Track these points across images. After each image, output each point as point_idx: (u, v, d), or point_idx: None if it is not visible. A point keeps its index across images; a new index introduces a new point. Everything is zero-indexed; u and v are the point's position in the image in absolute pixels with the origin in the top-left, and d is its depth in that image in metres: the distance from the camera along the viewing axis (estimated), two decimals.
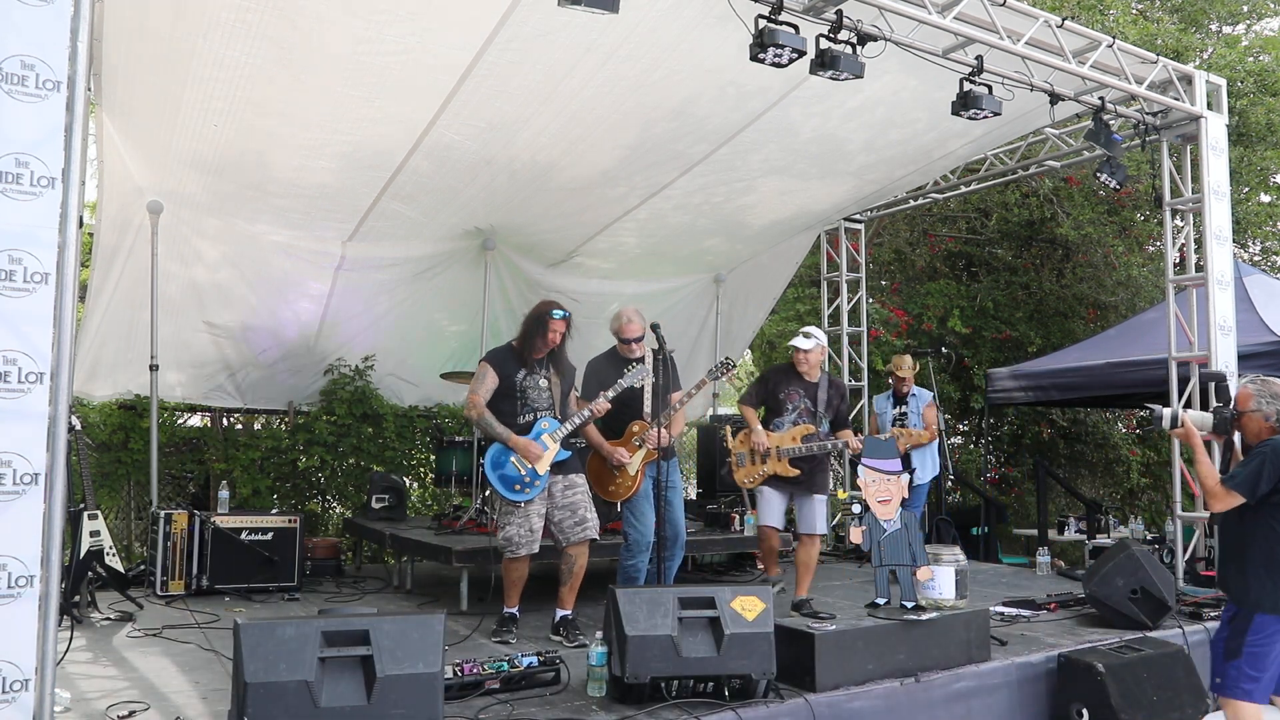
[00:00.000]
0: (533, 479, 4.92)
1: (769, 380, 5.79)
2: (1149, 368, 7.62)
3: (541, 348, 5.08)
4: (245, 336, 8.11)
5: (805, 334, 5.70)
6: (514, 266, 8.65)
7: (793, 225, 9.00)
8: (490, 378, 5.03)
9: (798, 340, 5.67)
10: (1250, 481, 3.88)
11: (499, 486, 4.92)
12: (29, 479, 3.12)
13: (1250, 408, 4.06)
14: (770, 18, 4.83)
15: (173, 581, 6.19)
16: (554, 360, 5.18)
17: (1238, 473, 3.93)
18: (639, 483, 5.37)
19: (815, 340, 5.67)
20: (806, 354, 5.62)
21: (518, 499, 4.91)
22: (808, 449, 5.55)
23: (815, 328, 5.88)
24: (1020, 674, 4.66)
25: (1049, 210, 11.74)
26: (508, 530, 4.92)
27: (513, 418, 4.99)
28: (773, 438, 5.61)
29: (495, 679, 3.97)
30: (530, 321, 5.13)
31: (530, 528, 4.91)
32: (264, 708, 3.03)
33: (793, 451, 5.54)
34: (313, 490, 9.19)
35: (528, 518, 4.92)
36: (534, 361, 5.09)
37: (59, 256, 3.23)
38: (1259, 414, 4.03)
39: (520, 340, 5.15)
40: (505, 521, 4.95)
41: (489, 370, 5.05)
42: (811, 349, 5.63)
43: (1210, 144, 6.90)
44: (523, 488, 4.91)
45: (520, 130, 6.23)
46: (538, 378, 5.09)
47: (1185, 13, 12.67)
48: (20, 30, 3.21)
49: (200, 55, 5.13)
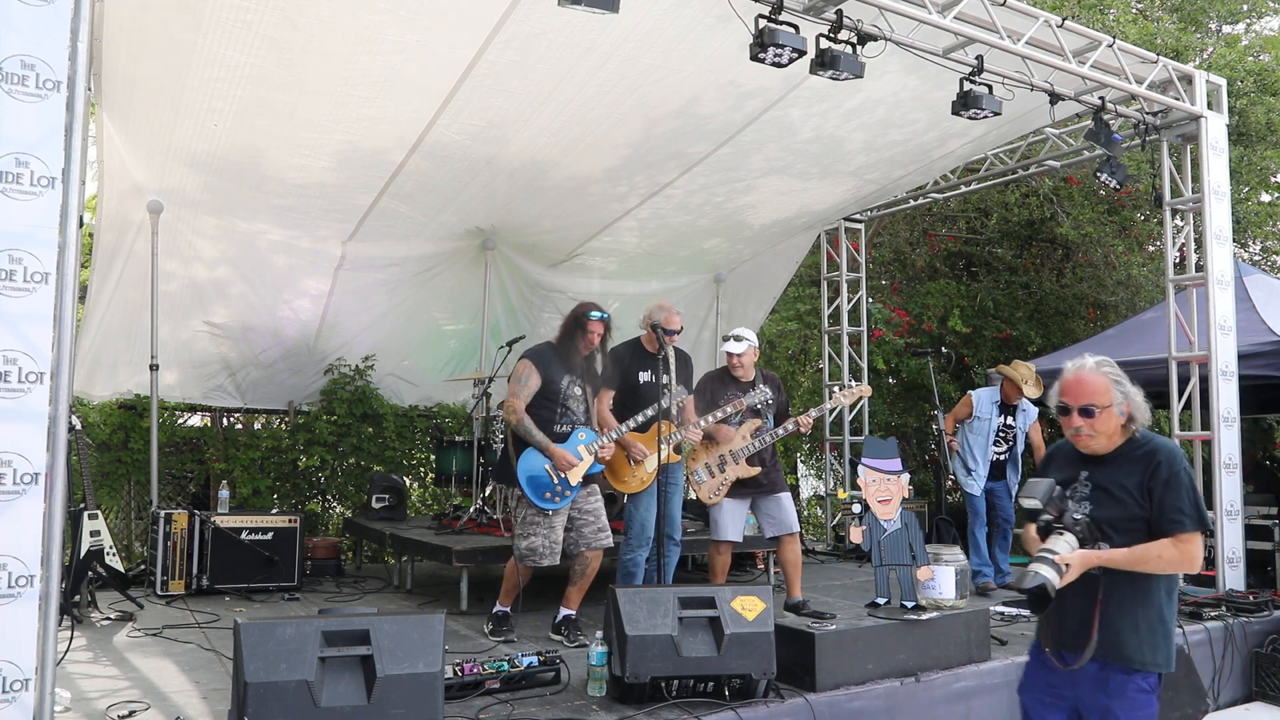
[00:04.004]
0: (564, 489, 4.86)
1: (706, 390, 5.65)
2: (1149, 368, 7.60)
3: (581, 350, 5.01)
4: (245, 336, 8.11)
5: (736, 337, 5.61)
6: (514, 266, 8.65)
7: (793, 225, 9.00)
8: (534, 379, 4.93)
9: (729, 345, 5.59)
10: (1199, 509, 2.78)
11: (530, 492, 4.83)
12: (29, 479, 3.13)
13: None
14: (770, 17, 4.83)
15: (173, 581, 6.19)
16: (589, 366, 5.10)
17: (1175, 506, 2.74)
18: (653, 478, 5.39)
19: (746, 342, 5.59)
20: (740, 357, 5.55)
21: (547, 507, 4.84)
22: (760, 442, 5.48)
23: (745, 329, 5.75)
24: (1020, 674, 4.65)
25: (1049, 210, 11.73)
26: (532, 541, 4.82)
27: (550, 425, 4.90)
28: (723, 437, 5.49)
29: (495, 679, 3.97)
30: (568, 323, 5.07)
31: (555, 539, 4.86)
32: (264, 707, 3.03)
33: (747, 450, 5.48)
34: (313, 490, 9.19)
35: (552, 529, 4.86)
36: (575, 365, 5.02)
37: (59, 256, 3.24)
38: None
39: (559, 341, 5.07)
40: (529, 531, 4.84)
41: (533, 371, 4.93)
42: (743, 351, 5.55)
43: (1210, 144, 6.90)
44: (553, 496, 4.84)
45: (520, 130, 6.23)
46: (576, 386, 5.02)
47: (1185, 12, 12.65)
48: (20, 30, 3.21)
49: (200, 55, 5.13)
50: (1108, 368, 2.87)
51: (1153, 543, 2.72)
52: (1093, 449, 2.87)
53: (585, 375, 5.09)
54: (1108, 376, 2.84)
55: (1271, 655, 5.63)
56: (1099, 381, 2.83)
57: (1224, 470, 6.66)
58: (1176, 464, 2.77)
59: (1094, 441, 2.85)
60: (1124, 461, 2.83)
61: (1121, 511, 2.78)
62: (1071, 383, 2.86)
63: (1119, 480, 2.81)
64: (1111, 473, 2.83)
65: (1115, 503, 2.79)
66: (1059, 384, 2.89)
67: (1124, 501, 2.78)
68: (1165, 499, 2.73)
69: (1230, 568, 6.56)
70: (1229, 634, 5.59)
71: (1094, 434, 2.82)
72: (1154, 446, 2.82)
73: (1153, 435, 2.89)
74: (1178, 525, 2.71)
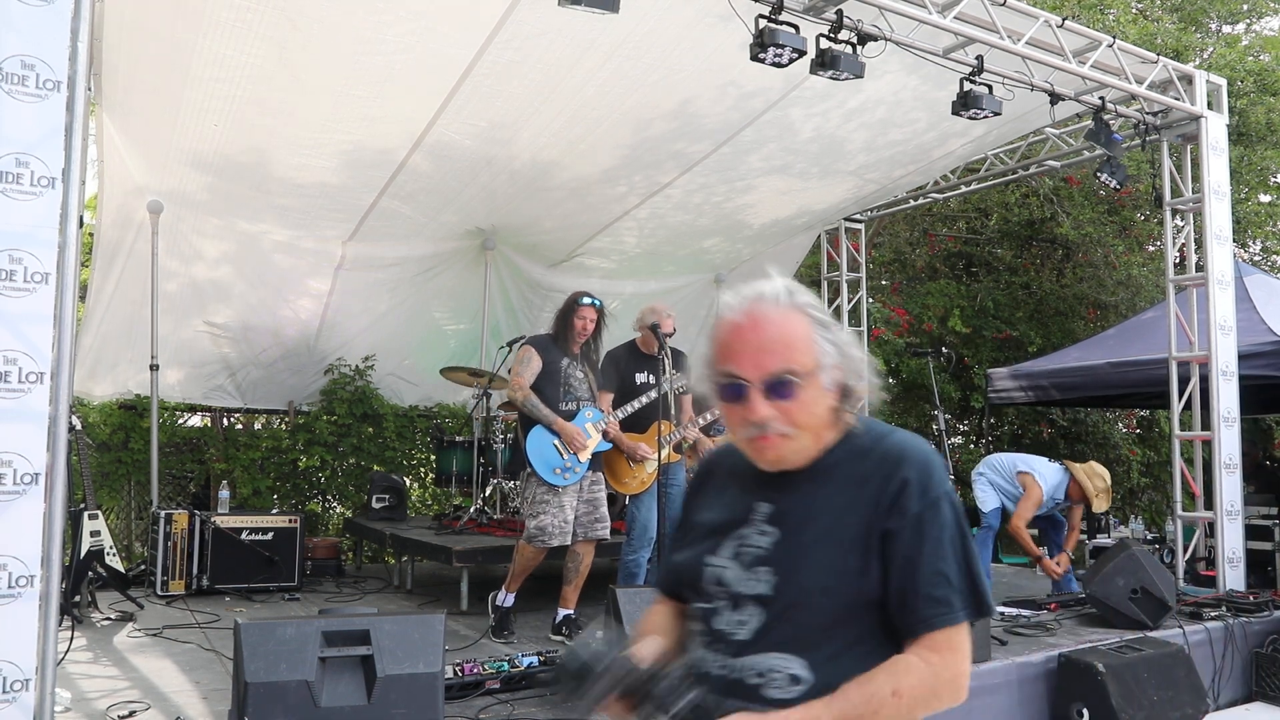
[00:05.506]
0: (574, 464, 4.92)
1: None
2: (1149, 367, 7.62)
3: (575, 337, 5.10)
4: (245, 336, 8.11)
5: None
6: (514, 266, 8.65)
7: (793, 225, 9.00)
8: (535, 361, 5.04)
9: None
10: (974, 576, 1.51)
11: (539, 468, 4.88)
12: (29, 479, 3.12)
13: None
14: (771, 17, 4.82)
15: (173, 581, 6.19)
16: (586, 354, 5.20)
17: (935, 573, 1.46)
18: (654, 479, 5.40)
19: None
20: None
21: (558, 483, 4.87)
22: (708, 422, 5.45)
23: None
24: (1020, 674, 4.66)
25: (1049, 210, 11.74)
26: (541, 520, 4.85)
27: (555, 403, 5.00)
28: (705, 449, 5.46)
29: (495, 679, 3.97)
30: (562, 311, 5.19)
31: (565, 518, 4.88)
32: (264, 708, 3.03)
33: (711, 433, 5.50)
34: (313, 490, 9.20)
35: (563, 508, 4.89)
36: (572, 353, 5.12)
37: (59, 256, 3.24)
38: None
39: (555, 329, 5.19)
40: (539, 510, 4.88)
41: (533, 353, 5.06)
42: None
43: (1210, 144, 6.90)
44: (563, 472, 4.89)
45: (520, 130, 6.23)
46: (577, 368, 5.12)
47: (1185, 12, 12.65)
48: (20, 30, 3.21)
49: (200, 54, 5.13)
50: (804, 298, 1.50)
51: (880, 669, 1.42)
52: (783, 462, 1.50)
53: (584, 361, 5.17)
54: (808, 315, 1.49)
55: (1272, 655, 5.63)
56: (794, 327, 1.47)
57: (1224, 470, 6.66)
58: (935, 484, 1.46)
59: (788, 448, 1.48)
60: (834, 479, 1.50)
61: (822, 581, 1.44)
62: (743, 330, 1.47)
63: (824, 515, 1.48)
64: (810, 501, 1.49)
65: (813, 565, 1.45)
66: (714, 338, 1.51)
67: (828, 561, 1.45)
68: (918, 558, 1.42)
69: (1230, 568, 6.56)
70: (1229, 634, 5.58)
71: (792, 433, 1.47)
72: (891, 449, 1.50)
73: (886, 428, 1.56)
74: (939, 613, 1.42)
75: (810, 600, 1.45)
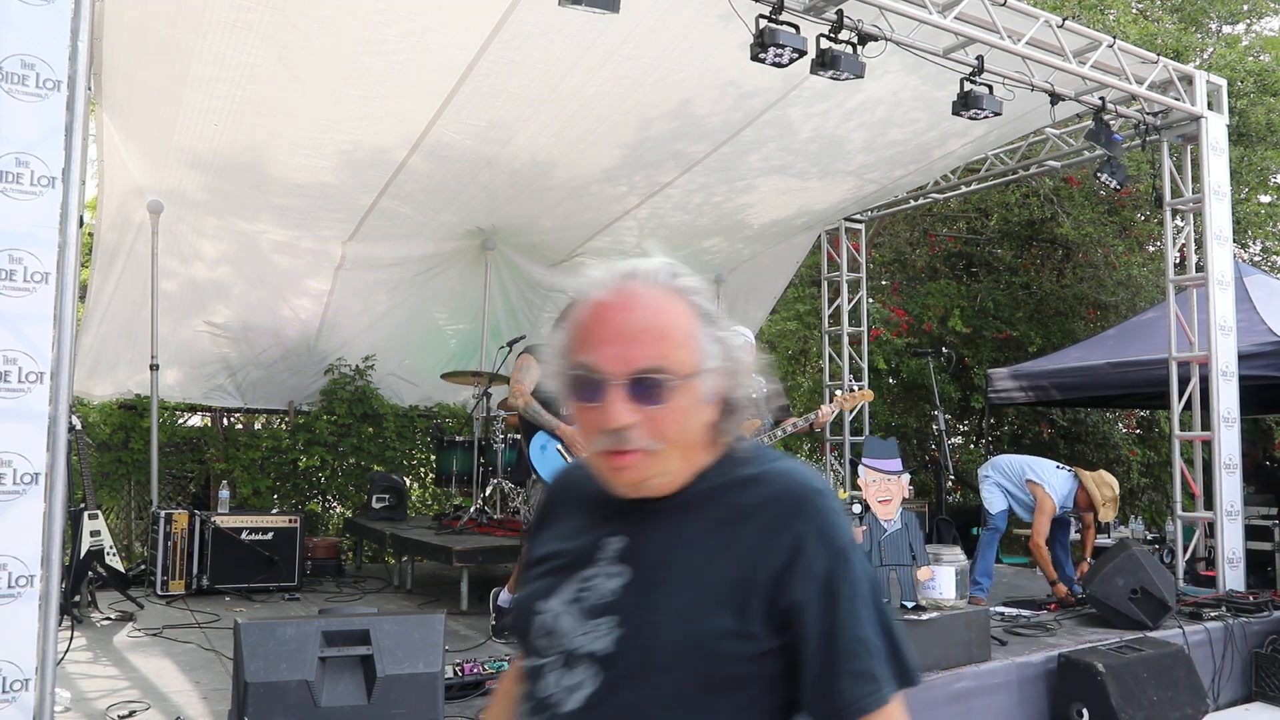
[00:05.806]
0: None
1: None
2: (1149, 368, 7.61)
3: None
4: (245, 336, 8.11)
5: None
6: (514, 266, 8.65)
7: (793, 225, 9.00)
8: (535, 369, 5.02)
9: None
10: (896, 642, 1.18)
11: (544, 472, 4.91)
12: (29, 479, 3.12)
13: None
14: (771, 17, 4.82)
15: (173, 581, 6.19)
16: None
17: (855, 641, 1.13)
18: None
19: (742, 338, 5.48)
20: None
21: None
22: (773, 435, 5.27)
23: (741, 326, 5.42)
24: (1020, 674, 4.66)
25: (1049, 210, 11.74)
26: None
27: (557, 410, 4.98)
28: None
29: (495, 679, 3.96)
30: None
31: None
32: (264, 707, 3.03)
33: None
34: (313, 490, 9.20)
35: None
36: None
37: (59, 256, 3.24)
38: None
39: None
40: None
41: (533, 362, 5.06)
42: None
43: (1210, 144, 6.90)
44: None
45: (520, 130, 6.23)
46: None
47: (1185, 12, 12.66)
48: (20, 30, 3.22)
49: (200, 55, 5.13)
50: (689, 282, 1.26)
51: None
52: (643, 486, 1.19)
53: None
54: (692, 303, 1.24)
55: (1271, 655, 5.63)
56: (673, 315, 1.21)
57: (1224, 470, 6.66)
58: (839, 531, 1.16)
59: (650, 468, 1.17)
60: (705, 513, 1.19)
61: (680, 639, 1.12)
62: (608, 311, 1.20)
63: (691, 556, 1.17)
64: (673, 538, 1.18)
65: (669, 619, 1.13)
66: (572, 320, 1.25)
67: (689, 614, 1.12)
68: (834, 629, 1.12)
69: (1230, 568, 6.55)
70: (1229, 634, 5.58)
71: (657, 448, 1.16)
72: (780, 485, 1.19)
73: (771, 453, 1.27)
74: (868, 693, 1.12)
75: (662, 663, 1.11)
